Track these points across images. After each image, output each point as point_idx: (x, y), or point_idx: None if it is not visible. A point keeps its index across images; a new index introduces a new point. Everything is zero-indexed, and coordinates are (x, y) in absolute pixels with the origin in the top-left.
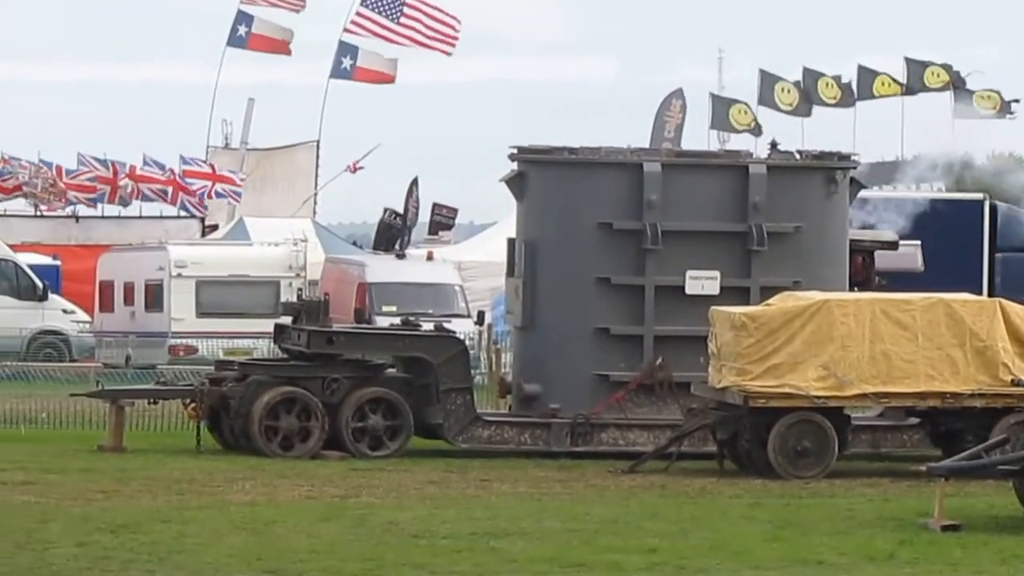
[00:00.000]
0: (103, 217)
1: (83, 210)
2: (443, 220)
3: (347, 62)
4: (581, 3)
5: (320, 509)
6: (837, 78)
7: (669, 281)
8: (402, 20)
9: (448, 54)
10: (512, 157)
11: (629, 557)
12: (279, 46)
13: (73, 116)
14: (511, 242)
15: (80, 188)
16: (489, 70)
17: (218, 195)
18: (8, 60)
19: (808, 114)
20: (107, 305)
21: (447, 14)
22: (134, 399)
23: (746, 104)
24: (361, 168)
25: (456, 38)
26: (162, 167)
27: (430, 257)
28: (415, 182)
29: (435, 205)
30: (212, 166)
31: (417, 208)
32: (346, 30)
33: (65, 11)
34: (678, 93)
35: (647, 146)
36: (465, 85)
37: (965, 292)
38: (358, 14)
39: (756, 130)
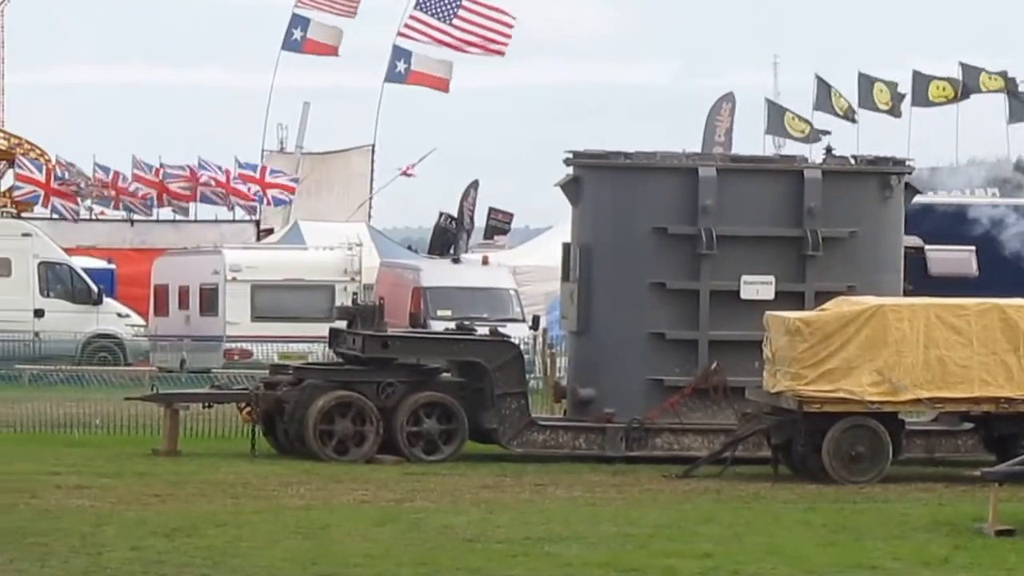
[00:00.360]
0: (158, 221)
1: (138, 213)
2: (499, 225)
3: (401, 66)
4: (637, 7)
5: (375, 513)
6: (892, 84)
7: (724, 286)
8: (455, 21)
9: (501, 54)
10: (567, 162)
11: (683, 562)
12: (328, 49)
13: (129, 120)
14: (566, 247)
15: (133, 195)
16: (545, 74)
17: (276, 201)
18: (64, 64)
19: (862, 119)
20: (162, 309)
21: (501, 11)
22: (189, 403)
23: (798, 114)
24: (413, 175)
25: (509, 36)
26: (218, 168)
27: (485, 261)
28: (474, 185)
29: (491, 210)
30: (263, 170)
31: (473, 211)
32: (400, 34)
33: (121, 15)
34: (728, 97)
35: (699, 150)
36: (521, 89)
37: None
38: (412, 17)
39: (812, 135)
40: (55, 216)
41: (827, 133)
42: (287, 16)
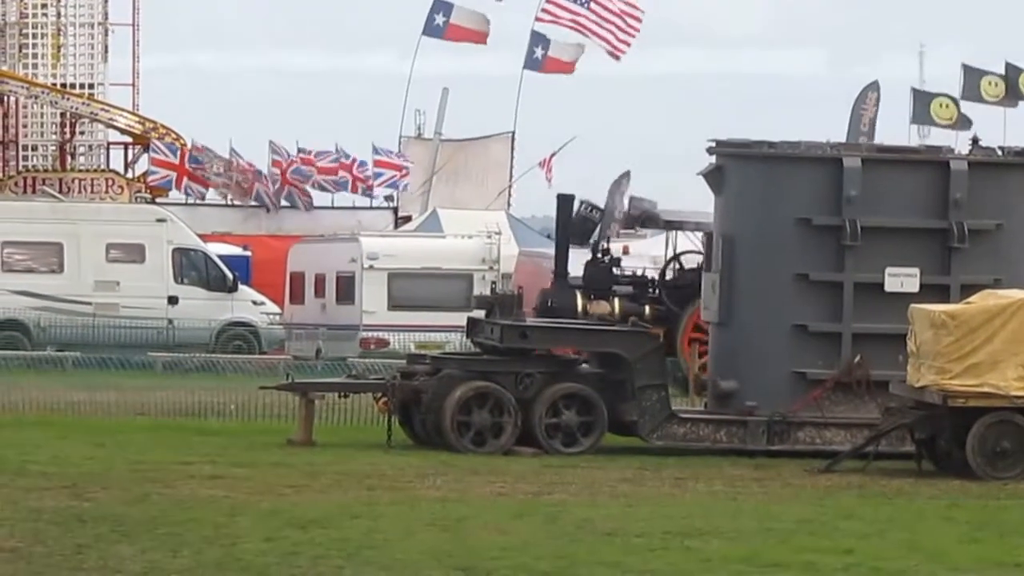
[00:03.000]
0: (294, 207)
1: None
2: (641, 214)
3: (539, 52)
4: None
5: (512, 506)
6: None
7: (868, 278)
8: (592, 6)
9: (616, 59)
10: (710, 151)
11: (824, 557)
12: (477, 36)
13: (265, 105)
14: (708, 237)
15: (271, 180)
16: (688, 62)
17: (391, 185)
18: (200, 48)
19: (1014, 105)
20: (297, 297)
21: (631, 4)
22: (324, 392)
23: (949, 97)
24: (550, 175)
25: (634, 35)
26: (350, 156)
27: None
28: (626, 175)
29: (632, 199)
30: (403, 156)
31: (625, 202)
32: (538, 19)
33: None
34: (873, 85)
35: (844, 140)
36: (664, 77)
37: None
38: (548, 1)
39: (959, 123)
40: (190, 201)
41: (971, 124)
42: (429, 1)
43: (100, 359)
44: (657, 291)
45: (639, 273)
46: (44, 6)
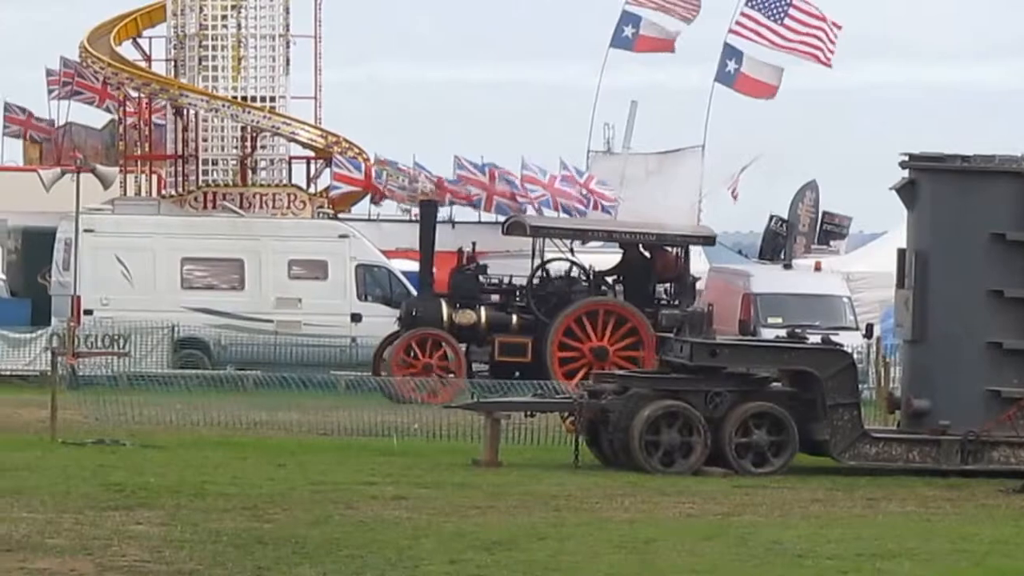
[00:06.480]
0: (479, 223)
1: (459, 214)
2: (834, 229)
3: (732, 66)
4: (975, 7)
5: (701, 527)
6: None
7: None
8: (787, 21)
9: (829, 65)
10: (903, 165)
11: None
12: (665, 45)
13: (450, 117)
14: (901, 252)
15: (458, 194)
16: (877, 75)
17: (604, 209)
18: (382, 60)
19: None
20: None
21: (828, 21)
22: (510, 412)
23: None
24: (736, 191)
25: (835, 43)
26: (543, 172)
27: (818, 267)
28: (810, 186)
29: (825, 214)
30: (590, 178)
31: (811, 214)
32: (731, 31)
33: (443, 11)
34: None
35: None
36: (855, 91)
37: None
38: (743, 14)
39: None
40: (374, 217)
41: None
42: (617, 11)
43: (281, 378)
44: (524, 300)
45: (506, 282)
46: (224, 18)
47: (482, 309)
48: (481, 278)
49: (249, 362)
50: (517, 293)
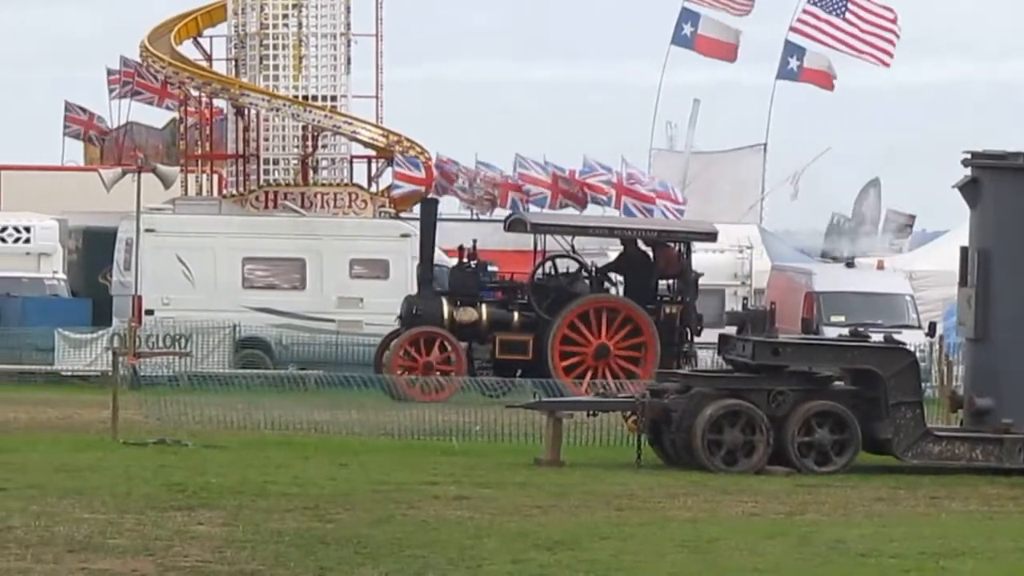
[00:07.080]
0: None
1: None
2: (898, 227)
3: (793, 62)
4: None
5: (764, 526)
6: None
7: None
8: (847, 16)
9: (887, 65)
10: (966, 162)
11: None
12: (726, 50)
13: (512, 116)
14: (964, 251)
15: (525, 193)
16: (942, 71)
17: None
18: (443, 59)
19: None
20: None
21: (888, 19)
22: (572, 411)
23: None
24: (795, 196)
25: (895, 43)
26: (608, 170)
27: (880, 265)
28: (873, 183)
29: (889, 211)
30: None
31: (875, 211)
32: (793, 28)
33: (503, 9)
34: None
35: None
36: (919, 87)
37: None
38: (805, 11)
39: None
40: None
41: None
42: (676, 8)
43: (343, 378)
44: (526, 297)
45: (507, 279)
46: (285, 16)
47: (483, 307)
48: (482, 275)
49: (310, 362)
50: (519, 290)
